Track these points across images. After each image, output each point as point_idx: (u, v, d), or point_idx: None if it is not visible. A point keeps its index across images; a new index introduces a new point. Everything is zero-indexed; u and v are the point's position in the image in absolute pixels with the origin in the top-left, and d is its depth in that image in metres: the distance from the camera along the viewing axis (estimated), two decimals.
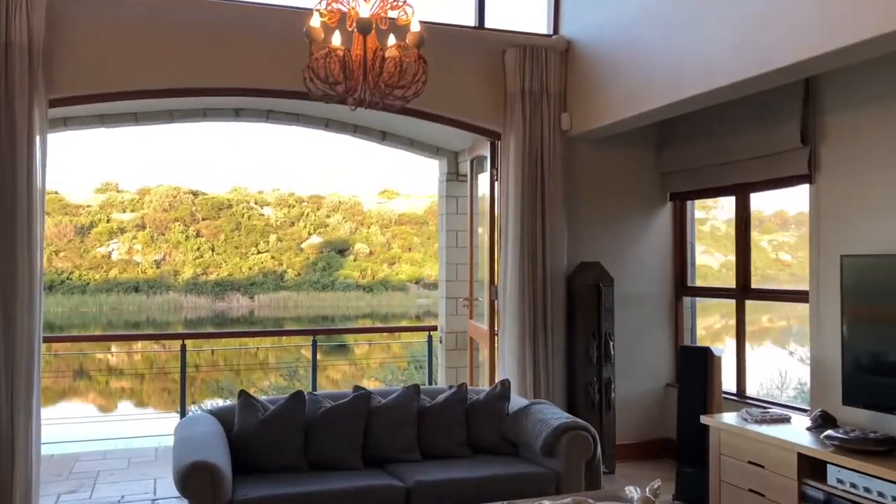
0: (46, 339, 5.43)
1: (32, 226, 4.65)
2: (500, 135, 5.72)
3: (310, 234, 53.00)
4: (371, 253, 52.53)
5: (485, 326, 6.15)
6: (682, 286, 6.60)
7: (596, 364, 5.80)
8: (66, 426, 7.49)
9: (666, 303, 6.63)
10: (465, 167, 7.12)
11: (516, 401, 4.73)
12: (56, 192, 53.45)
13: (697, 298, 6.75)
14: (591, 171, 6.32)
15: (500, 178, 5.83)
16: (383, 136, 7.00)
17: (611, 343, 5.85)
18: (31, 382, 4.58)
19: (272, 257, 50.26)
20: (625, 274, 6.38)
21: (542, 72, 5.67)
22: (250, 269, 48.72)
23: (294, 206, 55.45)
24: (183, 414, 6.71)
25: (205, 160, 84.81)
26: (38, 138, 4.74)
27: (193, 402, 19.80)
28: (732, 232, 5.91)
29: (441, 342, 7.26)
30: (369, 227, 54.95)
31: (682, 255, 6.66)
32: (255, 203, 55.08)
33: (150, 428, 7.71)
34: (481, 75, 5.89)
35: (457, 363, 7.29)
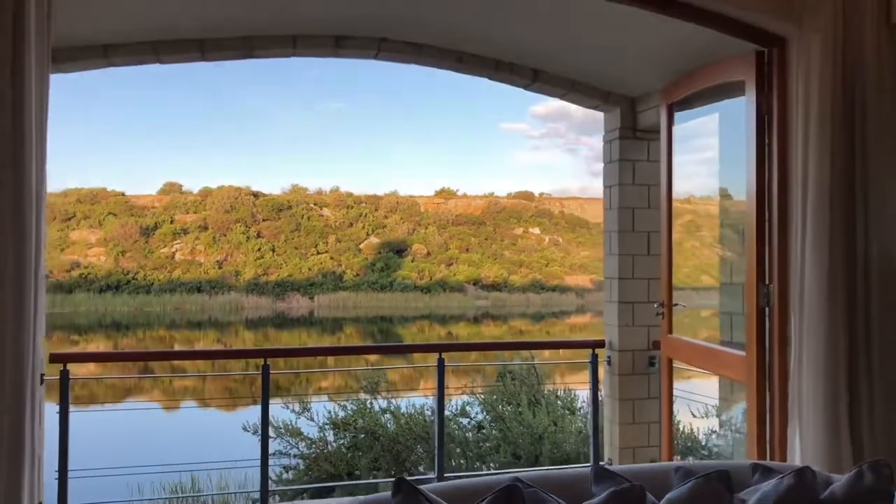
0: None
1: (24, 198, 2.75)
2: (785, 41, 3.46)
3: (368, 234, 51.41)
4: (428, 253, 50.63)
5: (734, 351, 3.87)
6: None
7: None
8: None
9: None
10: (649, 118, 4.94)
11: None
12: (122, 194, 53.03)
13: None
14: None
15: (782, 112, 3.47)
16: (534, 77, 4.86)
17: None
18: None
19: (331, 258, 48.78)
20: None
21: None
22: (310, 269, 47.32)
23: (352, 207, 53.92)
24: (265, 450, 4.79)
25: (264, 158, 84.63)
26: (32, 72, 2.81)
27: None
28: None
29: (608, 363, 5.10)
30: (426, 228, 53.07)
31: None
32: (315, 204, 53.75)
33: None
34: None
35: (634, 394, 5.02)
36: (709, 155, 4.97)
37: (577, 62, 4.68)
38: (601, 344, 5.13)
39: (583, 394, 6.21)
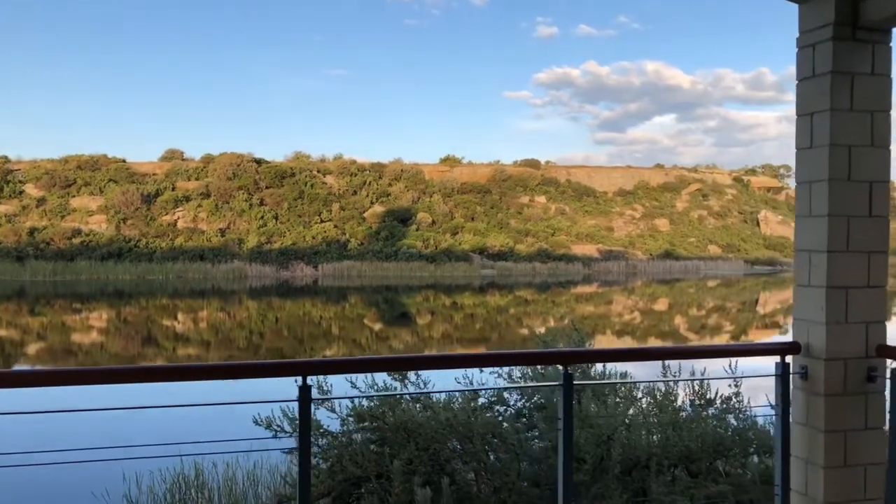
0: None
1: None
2: None
3: (372, 202, 50.65)
4: (433, 222, 49.91)
5: None
6: None
7: None
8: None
9: None
10: (880, 7, 3.36)
11: None
12: (124, 160, 52.13)
13: None
14: None
15: None
16: None
17: None
18: None
19: (335, 226, 48.10)
20: None
21: None
22: (314, 238, 46.66)
23: (356, 175, 53.04)
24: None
25: (266, 125, 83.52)
26: None
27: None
28: None
29: (803, 377, 3.40)
30: (431, 196, 52.28)
31: None
32: (318, 171, 52.86)
33: None
34: None
35: (845, 424, 3.32)
36: None
37: None
38: (794, 348, 3.41)
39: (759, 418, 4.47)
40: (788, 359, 3.38)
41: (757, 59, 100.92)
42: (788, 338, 3.52)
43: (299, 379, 2.62)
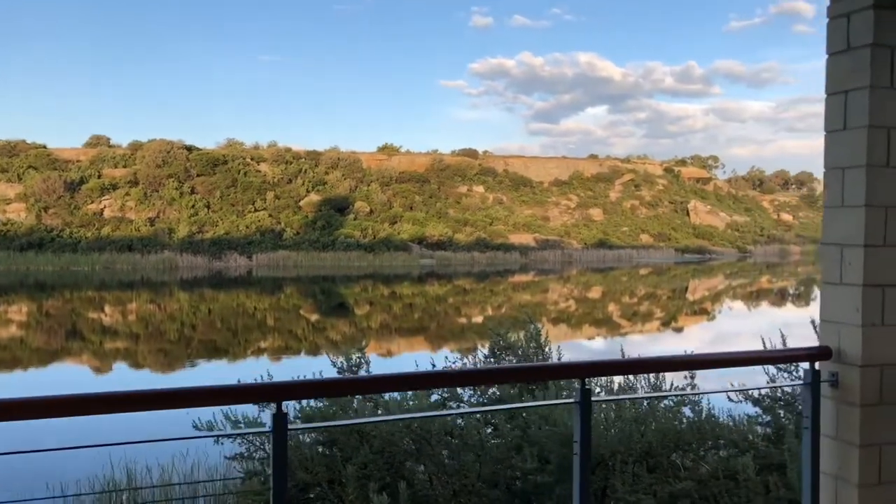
0: None
1: None
2: None
3: (308, 191, 49.69)
4: (371, 211, 49.33)
5: None
6: None
7: None
8: None
9: None
10: None
11: None
12: (44, 146, 49.58)
13: None
14: None
15: None
16: None
17: None
18: None
19: (270, 215, 46.98)
20: None
21: None
22: (247, 227, 45.46)
23: (291, 163, 51.88)
24: None
25: (198, 111, 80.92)
26: None
27: (190, 363, 17.14)
28: None
29: (833, 385, 3.05)
30: (369, 185, 51.64)
31: None
32: (252, 159, 51.50)
33: None
34: None
35: (880, 437, 2.96)
36: None
37: None
38: (824, 353, 3.04)
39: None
40: (817, 365, 3.03)
41: (685, 53, 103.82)
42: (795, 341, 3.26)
43: (273, 406, 2.10)
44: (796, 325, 6.32)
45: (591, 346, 19.68)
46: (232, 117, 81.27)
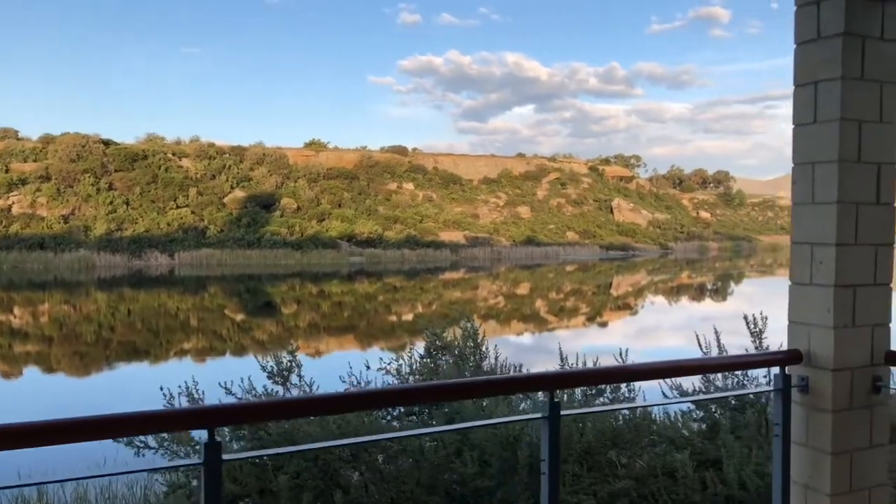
0: None
1: None
2: None
3: (232, 187, 48.32)
4: (299, 208, 48.39)
5: None
6: None
7: None
8: None
9: None
10: None
11: None
12: None
13: None
14: None
15: None
16: None
17: None
18: None
19: (192, 212, 45.44)
20: None
21: None
22: (169, 224, 43.87)
23: (214, 158, 50.34)
24: None
25: (115, 104, 77.61)
26: None
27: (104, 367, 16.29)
28: None
29: (803, 390, 2.88)
30: (296, 182, 50.68)
31: None
32: (173, 154, 49.71)
33: None
34: None
35: (851, 443, 2.87)
36: None
37: None
38: (794, 357, 2.87)
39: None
40: (787, 369, 2.87)
41: (609, 54, 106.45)
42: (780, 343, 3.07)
43: (203, 434, 1.78)
44: (714, 318, 6.72)
45: (520, 341, 19.87)
46: (152, 111, 78.43)
